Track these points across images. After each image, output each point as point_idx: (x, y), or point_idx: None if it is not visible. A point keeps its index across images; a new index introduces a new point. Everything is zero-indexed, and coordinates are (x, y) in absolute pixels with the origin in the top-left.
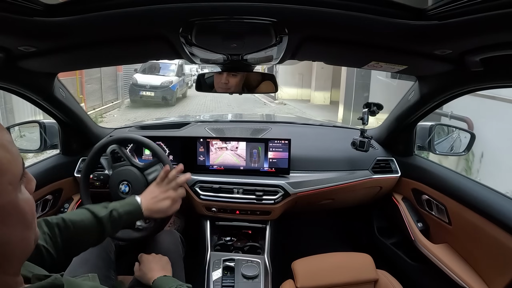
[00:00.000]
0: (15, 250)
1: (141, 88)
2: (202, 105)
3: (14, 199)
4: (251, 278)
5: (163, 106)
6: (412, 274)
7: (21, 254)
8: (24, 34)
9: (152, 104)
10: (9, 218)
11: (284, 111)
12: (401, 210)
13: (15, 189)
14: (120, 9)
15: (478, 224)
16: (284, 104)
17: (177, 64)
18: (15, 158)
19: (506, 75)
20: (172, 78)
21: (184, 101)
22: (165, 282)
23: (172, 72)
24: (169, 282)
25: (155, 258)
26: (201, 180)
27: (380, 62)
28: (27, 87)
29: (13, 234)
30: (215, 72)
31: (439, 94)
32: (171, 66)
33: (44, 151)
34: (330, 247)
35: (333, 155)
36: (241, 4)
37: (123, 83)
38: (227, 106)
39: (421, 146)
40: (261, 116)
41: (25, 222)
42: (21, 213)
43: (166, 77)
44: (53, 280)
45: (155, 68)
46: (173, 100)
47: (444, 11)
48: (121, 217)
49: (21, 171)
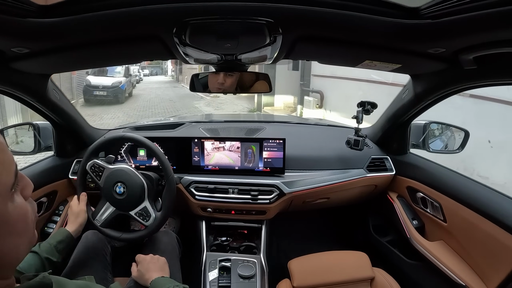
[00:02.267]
0: (5, 258)
1: (94, 89)
2: (148, 101)
3: (3, 210)
4: (247, 278)
5: (114, 103)
6: (408, 271)
7: (13, 261)
8: (17, 35)
9: (105, 102)
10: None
11: (217, 101)
12: (396, 208)
13: (4, 199)
14: (114, 9)
15: (473, 221)
16: (218, 96)
17: (123, 66)
18: (6, 167)
19: (499, 73)
20: (121, 78)
21: (131, 99)
22: (162, 283)
23: (119, 74)
24: (166, 283)
25: (152, 258)
26: (196, 180)
27: (374, 61)
28: (21, 88)
29: (3, 244)
30: (209, 72)
31: (433, 93)
32: (117, 68)
33: (38, 153)
34: (326, 246)
35: (327, 154)
36: (235, 4)
37: (76, 85)
38: (169, 101)
39: (416, 144)
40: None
41: (15, 231)
42: (11, 224)
43: (116, 78)
44: (41, 279)
45: (104, 70)
46: (123, 98)
47: (438, 10)
48: (50, 243)
49: (13, 180)
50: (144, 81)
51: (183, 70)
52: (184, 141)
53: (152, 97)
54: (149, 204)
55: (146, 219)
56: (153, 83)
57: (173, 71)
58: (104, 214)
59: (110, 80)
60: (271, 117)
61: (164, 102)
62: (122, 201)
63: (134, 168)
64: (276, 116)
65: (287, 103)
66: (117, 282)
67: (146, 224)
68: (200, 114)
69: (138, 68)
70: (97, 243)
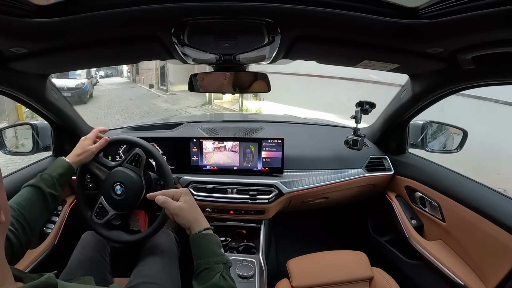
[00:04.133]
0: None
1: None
2: (110, 101)
3: None
4: (246, 278)
5: (78, 104)
6: (407, 271)
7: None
8: (16, 35)
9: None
10: None
11: (173, 98)
12: (395, 207)
13: None
14: (112, 9)
15: (472, 220)
16: (174, 94)
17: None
18: None
19: (497, 73)
20: (84, 80)
21: (93, 99)
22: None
23: (80, 76)
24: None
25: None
26: (194, 180)
27: (372, 61)
28: (19, 88)
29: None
30: (208, 72)
31: (432, 92)
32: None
33: (37, 153)
34: (325, 246)
35: (326, 154)
36: (234, 4)
37: None
38: (129, 100)
39: (414, 144)
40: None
41: None
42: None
43: (78, 80)
44: (46, 279)
45: (66, 73)
46: (86, 99)
47: (436, 10)
48: (52, 176)
49: None
50: (101, 82)
51: (140, 71)
52: (183, 141)
53: (113, 97)
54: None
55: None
56: (110, 85)
57: (129, 72)
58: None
59: (74, 82)
60: (269, 117)
61: (125, 101)
62: (120, 201)
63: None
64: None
65: (233, 96)
66: (116, 282)
67: (134, 228)
68: (199, 114)
69: (94, 70)
70: (96, 243)
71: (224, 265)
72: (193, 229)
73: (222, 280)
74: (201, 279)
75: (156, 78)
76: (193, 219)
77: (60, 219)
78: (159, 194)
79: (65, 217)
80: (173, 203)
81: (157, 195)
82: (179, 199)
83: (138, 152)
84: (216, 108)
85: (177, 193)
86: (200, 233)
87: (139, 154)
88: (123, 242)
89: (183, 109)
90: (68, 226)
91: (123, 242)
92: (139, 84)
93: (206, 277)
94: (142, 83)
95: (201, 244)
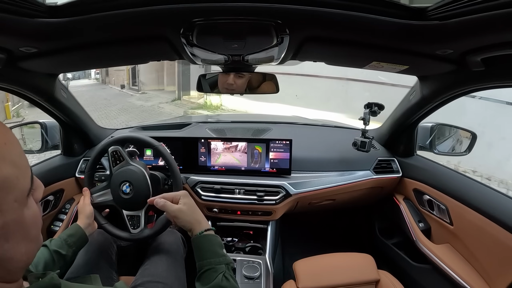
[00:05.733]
0: (18, 263)
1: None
2: (85, 101)
3: (19, 216)
4: (252, 278)
5: None
6: (414, 274)
7: (24, 265)
8: (26, 35)
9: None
10: (13, 235)
11: (145, 96)
12: (403, 210)
13: (21, 205)
14: (121, 10)
15: (480, 224)
16: (145, 93)
17: None
18: (24, 172)
19: (507, 75)
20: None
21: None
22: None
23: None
24: (218, 252)
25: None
26: (202, 180)
27: (381, 62)
28: (29, 88)
29: (16, 250)
30: (219, 73)
31: (441, 94)
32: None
33: (46, 151)
34: (332, 248)
35: (334, 155)
36: (243, 4)
37: None
38: (104, 99)
39: (422, 146)
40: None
41: (29, 237)
42: (26, 229)
43: None
44: (50, 280)
45: None
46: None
47: (445, 11)
48: (61, 237)
49: (29, 184)
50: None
51: (110, 72)
52: (191, 141)
53: (87, 98)
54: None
55: (135, 227)
56: (79, 87)
57: (97, 74)
58: (100, 197)
59: None
60: (278, 118)
61: (100, 101)
62: (124, 199)
63: (147, 171)
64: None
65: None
66: (122, 281)
67: (133, 231)
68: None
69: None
70: (103, 242)
71: (226, 266)
72: (194, 231)
73: (225, 280)
74: (204, 280)
75: (127, 78)
76: (194, 221)
77: (67, 217)
78: (158, 198)
79: (72, 215)
80: (172, 206)
81: (156, 199)
82: (179, 202)
83: (116, 150)
84: (184, 102)
85: (176, 195)
86: (201, 234)
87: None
88: (130, 240)
89: (155, 104)
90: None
91: (131, 240)
92: (109, 85)
93: (208, 278)
94: (113, 84)
95: (203, 245)
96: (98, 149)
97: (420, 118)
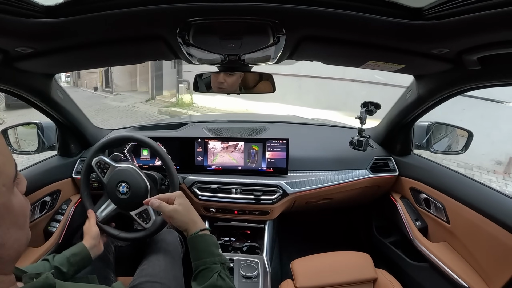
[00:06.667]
0: (9, 251)
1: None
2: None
3: (8, 201)
4: (250, 278)
5: (27, 107)
6: (411, 272)
7: (15, 254)
8: (22, 35)
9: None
10: (3, 220)
11: (120, 97)
12: (400, 209)
13: (8, 190)
14: (118, 9)
15: (477, 222)
16: (119, 94)
17: None
18: (9, 160)
19: (503, 74)
20: None
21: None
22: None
23: None
24: (213, 251)
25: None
26: (199, 180)
27: (377, 62)
28: (25, 88)
29: (7, 236)
30: (212, 72)
31: (437, 93)
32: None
33: (42, 152)
34: (329, 247)
35: (331, 154)
36: (239, 4)
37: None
38: (78, 101)
39: (419, 145)
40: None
41: (18, 223)
42: (14, 215)
43: None
44: (44, 279)
45: None
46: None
47: (441, 10)
48: (64, 254)
49: (14, 172)
50: None
51: (82, 75)
52: (188, 141)
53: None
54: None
55: (147, 221)
56: None
57: (68, 77)
58: (104, 211)
59: None
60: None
61: (76, 102)
62: (125, 200)
63: (138, 168)
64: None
65: (171, 91)
66: (119, 281)
67: (146, 226)
68: (203, 114)
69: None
70: None
71: (221, 265)
72: (189, 231)
73: (220, 280)
74: (200, 279)
75: (100, 80)
76: (189, 221)
77: (64, 218)
78: (154, 199)
79: (69, 216)
80: (168, 206)
81: (151, 200)
82: (174, 202)
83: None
84: (158, 102)
85: (171, 196)
86: (197, 234)
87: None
88: (127, 239)
89: (130, 104)
90: (72, 225)
91: (128, 239)
92: (81, 87)
93: (204, 278)
94: (85, 87)
95: (198, 245)
96: (84, 168)
97: (417, 117)
